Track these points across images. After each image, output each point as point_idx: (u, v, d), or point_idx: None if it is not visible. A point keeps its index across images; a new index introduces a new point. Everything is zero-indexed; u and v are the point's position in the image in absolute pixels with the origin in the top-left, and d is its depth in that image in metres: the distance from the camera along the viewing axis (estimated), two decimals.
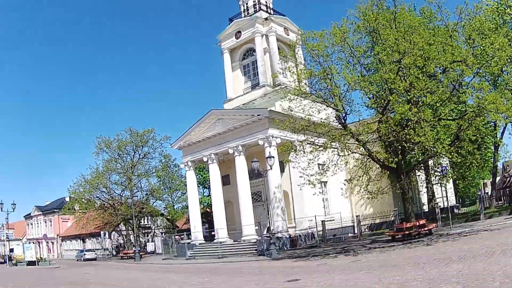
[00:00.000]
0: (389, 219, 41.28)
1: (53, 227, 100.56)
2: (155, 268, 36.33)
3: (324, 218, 40.45)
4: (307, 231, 39.16)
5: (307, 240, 39.01)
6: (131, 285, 22.93)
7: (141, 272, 33.38)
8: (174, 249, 50.95)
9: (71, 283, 26.41)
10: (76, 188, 66.02)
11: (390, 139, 27.82)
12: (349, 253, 26.90)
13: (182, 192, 70.21)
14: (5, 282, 29.41)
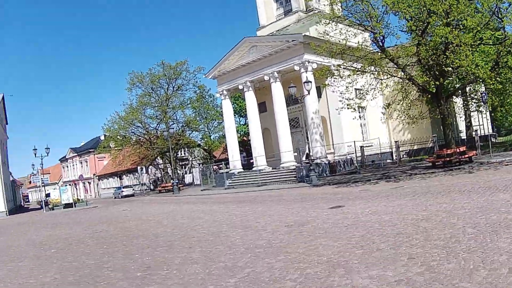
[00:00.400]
0: (427, 145, 41.73)
1: (89, 167, 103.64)
2: (194, 200, 36.91)
3: (362, 144, 41.46)
4: (346, 157, 40.26)
5: (346, 166, 40.05)
6: (171, 218, 23.39)
7: (180, 204, 33.65)
8: (213, 179, 53.14)
9: (108, 221, 27.13)
10: (110, 126, 68.21)
11: (429, 63, 27.95)
12: (390, 179, 27.28)
13: (218, 122, 72.50)
14: (39, 226, 30.20)
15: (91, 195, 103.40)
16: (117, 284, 9.56)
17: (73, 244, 17.65)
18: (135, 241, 15.94)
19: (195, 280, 9.03)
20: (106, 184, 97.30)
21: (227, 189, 42.66)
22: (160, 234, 17.06)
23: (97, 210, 42.38)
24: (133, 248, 14.33)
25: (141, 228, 20.41)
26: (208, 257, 11.08)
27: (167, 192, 59.60)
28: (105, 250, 14.70)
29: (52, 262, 13.68)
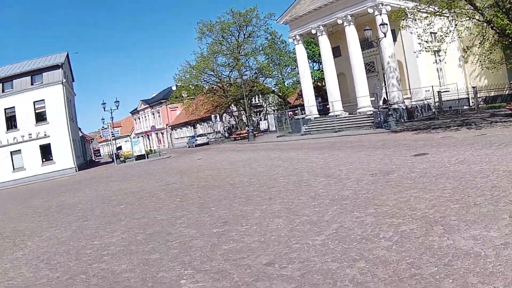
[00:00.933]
0: (504, 92, 40.04)
1: (161, 118, 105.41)
2: (270, 147, 37.02)
3: (439, 89, 40.38)
4: (423, 102, 39.55)
5: (423, 112, 39.31)
6: (248, 166, 23.42)
7: (256, 152, 33.79)
8: (288, 125, 53.43)
9: (182, 172, 27.25)
10: (182, 75, 69.65)
11: (508, 6, 26.73)
12: (470, 126, 26.30)
13: (291, 68, 72.41)
14: (109, 180, 31.04)
15: (165, 145, 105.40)
16: (191, 243, 9.40)
17: (144, 198, 17.92)
18: (211, 193, 15.96)
19: (277, 237, 8.69)
20: (179, 134, 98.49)
21: (304, 135, 42.83)
22: (237, 184, 17.03)
23: (170, 160, 43.15)
24: (208, 201, 14.32)
25: (217, 178, 20.49)
26: (290, 210, 10.82)
27: (242, 139, 60.31)
28: (178, 204, 14.76)
29: (120, 219, 13.87)
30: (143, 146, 56.14)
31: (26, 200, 27.08)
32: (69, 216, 16.47)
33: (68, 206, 19.98)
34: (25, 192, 35.46)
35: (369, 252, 6.97)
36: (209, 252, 8.54)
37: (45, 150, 55.17)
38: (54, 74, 55.37)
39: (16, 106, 54.30)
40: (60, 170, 53.44)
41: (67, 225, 14.47)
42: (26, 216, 19.03)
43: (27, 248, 11.81)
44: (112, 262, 9.06)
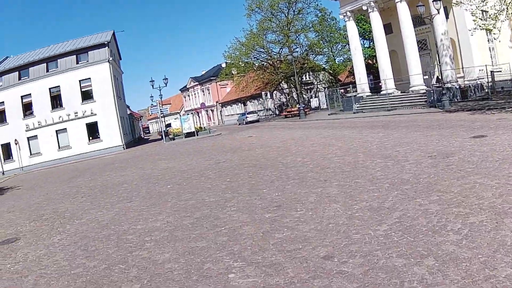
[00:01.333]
0: None
1: (211, 95, 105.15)
2: (322, 125, 36.19)
3: (492, 69, 39.02)
4: (476, 82, 38.16)
5: (476, 91, 37.95)
6: (300, 145, 22.78)
7: (308, 130, 33.15)
8: (339, 103, 52.45)
9: (232, 149, 26.86)
10: (231, 52, 68.95)
11: None
12: None
13: (342, 45, 71.41)
14: (157, 158, 30.90)
15: (215, 122, 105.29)
16: (241, 229, 8.80)
17: (192, 177, 17.43)
18: (262, 173, 15.38)
19: (335, 225, 7.99)
20: (229, 111, 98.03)
21: (356, 113, 41.99)
22: (290, 163, 16.42)
23: (221, 138, 42.88)
24: (260, 181, 13.73)
25: (268, 157, 19.94)
26: (348, 194, 10.16)
27: (292, 117, 59.67)
28: (228, 185, 14.21)
29: (166, 200, 13.40)
30: (192, 123, 55.72)
31: (70, 180, 27.14)
32: (112, 197, 16.16)
33: (112, 185, 19.76)
34: (71, 170, 35.73)
35: (437, 247, 6.28)
36: (261, 241, 7.89)
37: (92, 128, 55.64)
38: (100, 52, 55.59)
39: (61, 85, 54.70)
40: (107, 148, 54.00)
41: (110, 207, 14.13)
42: (68, 197, 18.83)
43: (66, 232, 11.44)
44: (155, 250, 8.51)
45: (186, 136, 53.58)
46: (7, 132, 54.95)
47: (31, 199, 20.71)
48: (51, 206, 16.63)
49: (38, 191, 24.05)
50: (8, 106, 55.24)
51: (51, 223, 13.13)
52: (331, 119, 41.69)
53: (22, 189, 27.92)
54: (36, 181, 32.20)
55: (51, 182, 28.74)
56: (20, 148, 54.85)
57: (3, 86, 55.54)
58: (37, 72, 55.34)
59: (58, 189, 22.83)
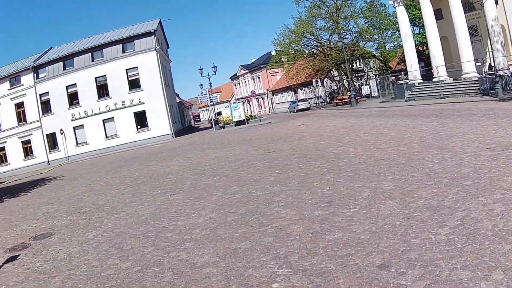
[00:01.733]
0: None
1: (261, 83, 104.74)
2: (373, 113, 35.28)
3: None
4: None
5: None
6: (352, 134, 21.87)
7: (359, 118, 32.33)
8: (391, 91, 51.58)
9: (282, 138, 26.22)
10: (281, 40, 68.93)
11: None
12: None
13: (392, 32, 70.06)
14: (205, 147, 30.54)
15: (265, 110, 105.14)
16: (289, 229, 8.01)
17: (240, 168, 16.83)
18: (313, 164, 14.60)
19: (391, 227, 7.14)
20: (280, 99, 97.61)
21: (407, 101, 41.24)
22: (342, 154, 15.64)
23: (271, 126, 42.29)
24: (310, 174, 12.99)
25: (320, 146, 19.15)
26: (404, 190, 9.32)
27: (343, 104, 59.25)
28: (277, 177, 13.52)
29: (211, 194, 12.78)
30: (243, 111, 55.46)
31: (115, 170, 27.01)
32: (156, 189, 15.69)
33: (157, 176, 19.34)
34: (117, 160, 35.84)
35: (505, 257, 5.41)
36: (310, 243, 7.10)
37: (139, 117, 55.90)
38: (147, 41, 55.64)
39: (107, 74, 55.22)
40: (156, 137, 54.03)
41: (152, 200, 13.64)
42: (110, 188, 18.51)
43: (102, 228, 11.02)
44: (194, 250, 7.84)
45: (236, 124, 53.25)
46: (53, 122, 55.86)
47: (72, 190, 20.54)
48: (92, 198, 16.33)
49: (81, 182, 23.97)
50: (53, 96, 56.06)
51: (89, 216, 12.73)
52: (383, 107, 40.81)
53: (65, 180, 27.91)
54: (81, 171, 32.32)
55: (95, 172, 28.75)
56: (66, 137, 55.63)
57: (47, 77, 56.34)
58: (82, 62, 55.84)
59: (101, 180, 22.65)
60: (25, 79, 57.13)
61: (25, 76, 57.10)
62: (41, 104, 56.76)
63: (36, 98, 56.55)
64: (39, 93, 56.57)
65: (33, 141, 57.57)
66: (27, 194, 23.50)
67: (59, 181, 27.43)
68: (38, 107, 56.68)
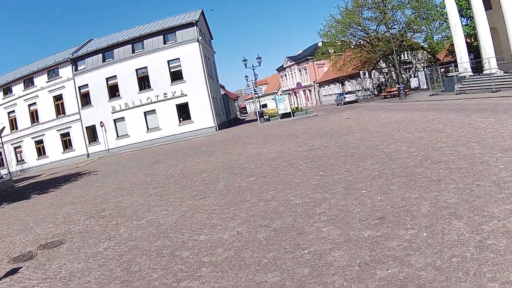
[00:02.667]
0: None
1: (308, 74, 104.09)
2: (424, 106, 33.29)
3: None
4: None
5: None
6: (403, 130, 19.95)
7: (410, 112, 30.34)
8: (440, 83, 50.41)
9: (328, 133, 24.61)
10: (327, 31, 67.84)
11: None
12: None
13: (440, 23, 68.43)
14: (247, 142, 29.26)
15: (312, 102, 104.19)
16: (330, 257, 6.39)
17: (280, 168, 15.29)
18: (362, 165, 12.93)
19: (461, 261, 5.44)
20: (327, 91, 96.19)
21: (458, 94, 39.39)
22: (393, 154, 13.95)
23: (317, 120, 40.64)
24: (358, 178, 11.36)
25: (368, 144, 17.42)
26: (471, 204, 7.58)
27: (392, 97, 57.96)
28: (320, 180, 11.94)
29: (244, 199, 11.34)
30: (288, 103, 53.86)
31: (151, 165, 25.98)
32: (186, 190, 14.39)
33: (191, 174, 18.06)
34: (156, 154, 34.99)
35: None
36: (356, 281, 5.47)
37: (182, 109, 54.87)
38: (189, 32, 54.48)
39: (148, 66, 54.33)
40: (198, 130, 53.03)
41: (178, 204, 12.33)
42: (139, 187, 17.41)
43: (116, 238, 9.84)
44: (210, 280, 6.37)
45: (282, 117, 51.92)
46: (92, 114, 55.62)
47: (101, 188, 19.64)
48: (117, 199, 15.26)
49: (113, 178, 23.12)
50: (93, 88, 55.75)
51: (107, 222, 11.60)
52: (433, 101, 38.85)
53: (98, 175, 27.20)
54: (117, 166, 31.60)
55: (131, 167, 27.87)
56: (106, 130, 55.26)
57: (86, 69, 56.03)
58: (122, 53, 55.26)
59: (134, 177, 21.63)
60: (63, 71, 56.97)
61: (64, 69, 56.92)
62: (81, 97, 56.48)
63: (75, 91, 56.30)
64: (78, 85, 56.29)
65: (72, 133, 57.42)
66: (56, 191, 22.73)
67: (92, 177, 26.70)
68: (77, 100, 56.42)
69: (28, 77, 59.11)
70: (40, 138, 59.12)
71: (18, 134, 60.08)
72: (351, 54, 69.63)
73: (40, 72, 57.95)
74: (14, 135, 60.32)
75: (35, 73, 58.48)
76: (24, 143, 60.12)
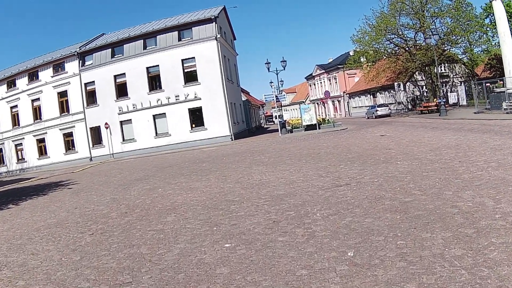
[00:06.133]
0: None
1: (338, 84, 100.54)
2: (475, 126, 26.84)
3: None
4: None
5: None
6: (465, 160, 13.90)
7: (460, 132, 24.02)
8: (482, 100, 46.61)
9: (359, 155, 19.00)
10: (360, 37, 63.53)
11: None
12: None
13: (479, 34, 64.38)
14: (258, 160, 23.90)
15: (341, 114, 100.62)
16: None
17: (282, 223, 9.21)
18: (427, 242, 6.72)
19: None
20: (357, 103, 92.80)
21: (510, 113, 34.31)
22: (474, 210, 7.92)
23: (346, 135, 35.11)
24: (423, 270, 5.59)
25: (424, 185, 10.86)
26: None
27: (429, 113, 53.55)
28: (349, 275, 5.85)
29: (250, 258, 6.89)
30: (314, 114, 49.66)
31: (130, 184, 20.60)
32: (122, 252, 8.69)
33: (155, 213, 12.20)
34: (152, 165, 30.78)
35: None
36: None
37: (195, 114, 50.30)
38: (206, 28, 49.69)
39: (160, 64, 50.05)
40: (212, 138, 48.39)
41: (159, 248, 8.30)
42: (80, 227, 11.97)
43: None
44: None
45: (306, 129, 47.86)
46: (98, 114, 51.74)
47: (47, 216, 14.67)
48: (37, 246, 10.17)
49: (77, 199, 18.03)
50: (99, 86, 51.92)
51: None
52: (483, 120, 32.68)
53: (72, 189, 22.66)
54: (102, 178, 27.02)
55: (111, 183, 22.78)
56: (111, 132, 51.09)
57: (93, 64, 52.13)
58: (133, 49, 50.97)
59: (96, 201, 16.36)
60: (69, 66, 53.10)
61: (70, 63, 53.07)
62: (86, 94, 52.59)
63: (81, 87, 52.47)
64: (84, 82, 52.42)
65: (76, 134, 53.62)
66: (16, 206, 18.61)
67: (62, 192, 22.04)
68: (83, 97, 52.56)
69: (33, 70, 55.60)
70: (42, 137, 55.71)
71: (20, 130, 56.79)
72: (385, 63, 65.20)
73: (46, 65, 54.34)
74: (16, 131, 57.21)
75: (40, 66, 54.91)
76: (26, 141, 56.80)
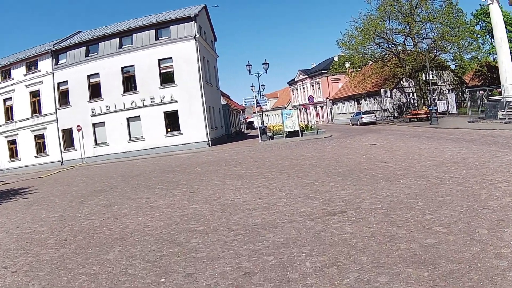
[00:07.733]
0: None
1: (321, 90, 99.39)
2: (475, 137, 24.69)
3: None
4: None
5: None
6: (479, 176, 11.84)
7: (460, 143, 21.81)
8: (475, 108, 45.93)
9: (351, 170, 16.17)
10: (347, 41, 61.49)
11: None
12: None
13: (469, 41, 63.46)
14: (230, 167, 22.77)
15: (323, 120, 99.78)
16: None
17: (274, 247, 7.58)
18: (446, 270, 5.44)
19: None
20: (340, 109, 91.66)
21: (507, 123, 33.03)
22: (509, 251, 6.07)
23: (332, 143, 32.61)
24: None
25: (432, 200, 9.43)
26: None
27: (418, 121, 52.76)
28: None
29: None
30: (297, 120, 47.81)
31: (88, 197, 18.16)
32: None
33: (97, 245, 9.74)
34: (118, 173, 28.30)
35: None
36: None
37: (171, 118, 48.01)
38: (185, 27, 47.44)
39: (136, 64, 47.71)
40: (188, 144, 46.12)
41: None
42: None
43: None
44: None
45: (288, 135, 45.94)
46: (70, 116, 49.29)
47: None
48: None
49: (23, 215, 15.44)
50: (72, 86, 49.51)
51: None
52: (478, 129, 30.91)
53: (27, 200, 20.32)
54: (63, 186, 24.48)
55: (68, 193, 20.41)
56: (84, 135, 48.79)
57: (67, 63, 49.73)
58: (108, 48, 48.62)
59: (40, 220, 13.85)
60: (43, 64, 50.72)
61: (44, 61, 50.71)
62: (59, 94, 50.23)
63: (54, 87, 50.06)
64: (57, 81, 49.97)
65: (47, 136, 51.11)
66: None
67: (13, 204, 19.40)
68: (55, 98, 50.16)
69: (6, 68, 53.20)
70: (13, 138, 53.13)
71: None
72: (371, 68, 63.34)
73: (19, 63, 52.01)
74: None
75: (13, 64, 52.44)
76: None
